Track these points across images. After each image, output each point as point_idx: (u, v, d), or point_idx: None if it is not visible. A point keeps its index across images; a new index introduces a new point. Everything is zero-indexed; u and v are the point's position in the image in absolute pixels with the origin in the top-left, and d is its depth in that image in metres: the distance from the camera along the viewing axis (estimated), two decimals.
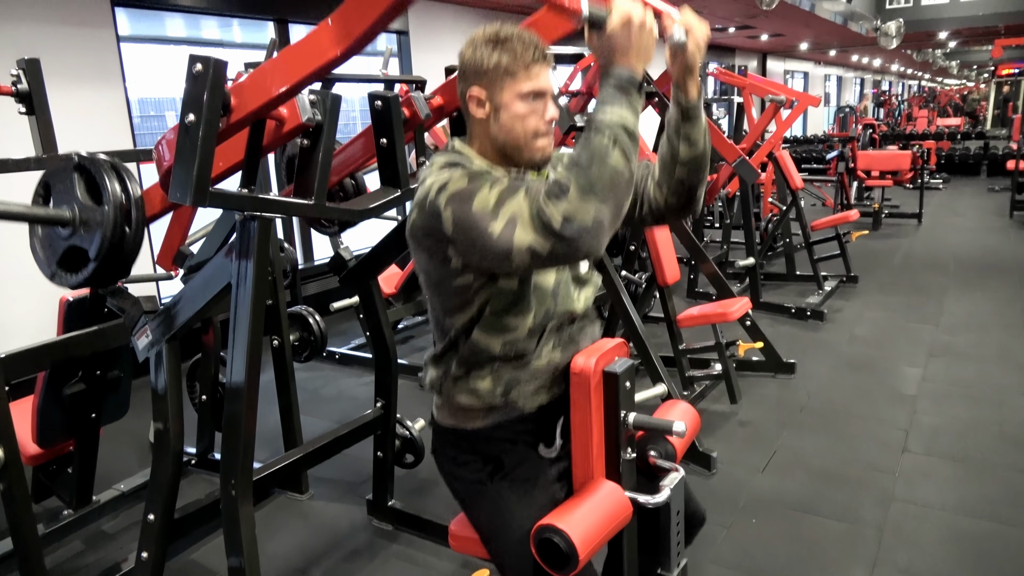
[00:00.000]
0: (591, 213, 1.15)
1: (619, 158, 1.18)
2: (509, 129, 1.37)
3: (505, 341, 1.45)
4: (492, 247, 1.21)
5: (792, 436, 3.37)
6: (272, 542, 2.72)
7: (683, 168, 1.44)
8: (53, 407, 2.57)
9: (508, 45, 1.33)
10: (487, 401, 1.50)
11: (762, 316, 5.22)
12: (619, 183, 1.18)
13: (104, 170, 1.64)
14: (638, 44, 1.22)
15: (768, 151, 5.52)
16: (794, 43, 13.79)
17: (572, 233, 1.16)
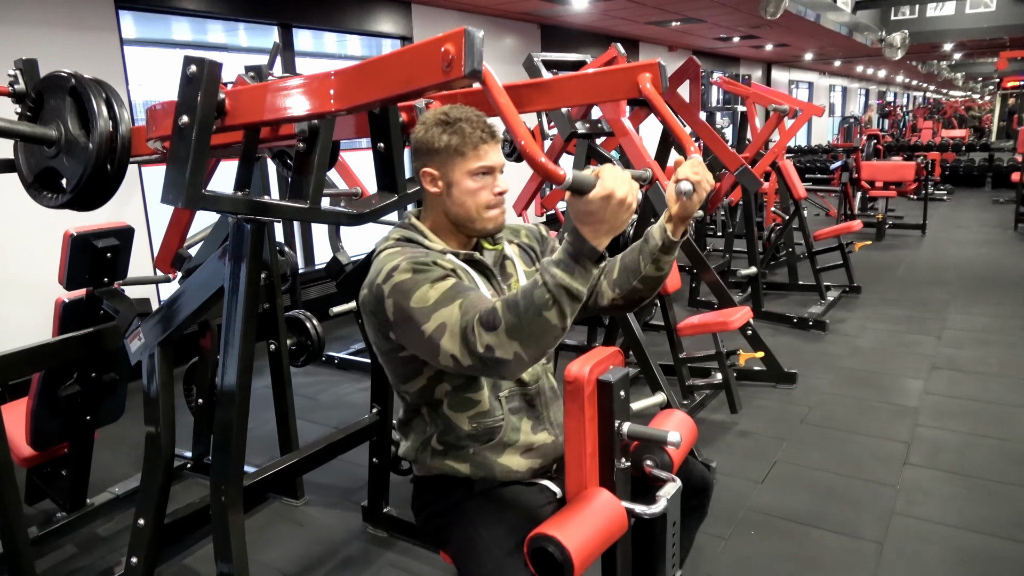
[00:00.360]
0: (512, 351, 1.25)
1: (555, 316, 1.23)
2: (461, 203, 1.48)
3: (471, 417, 1.54)
4: (423, 343, 1.32)
5: (792, 448, 3.34)
6: (266, 549, 2.70)
7: (641, 283, 1.57)
8: (47, 409, 2.56)
9: (457, 127, 1.43)
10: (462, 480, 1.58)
11: (764, 326, 5.20)
12: (547, 336, 1.25)
13: (96, 99, 1.59)
14: (612, 220, 1.22)
15: (771, 160, 5.52)
16: (799, 53, 13.79)
17: (491, 361, 1.25)
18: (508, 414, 1.57)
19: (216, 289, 1.64)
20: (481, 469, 1.56)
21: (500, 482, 1.57)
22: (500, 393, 1.56)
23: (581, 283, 1.23)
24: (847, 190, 8.71)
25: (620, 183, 1.20)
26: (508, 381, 1.57)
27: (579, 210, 1.22)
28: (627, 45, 9.87)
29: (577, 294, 1.23)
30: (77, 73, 1.65)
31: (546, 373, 1.67)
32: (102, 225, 2.44)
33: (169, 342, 1.77)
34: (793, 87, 17.51)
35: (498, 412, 1.56)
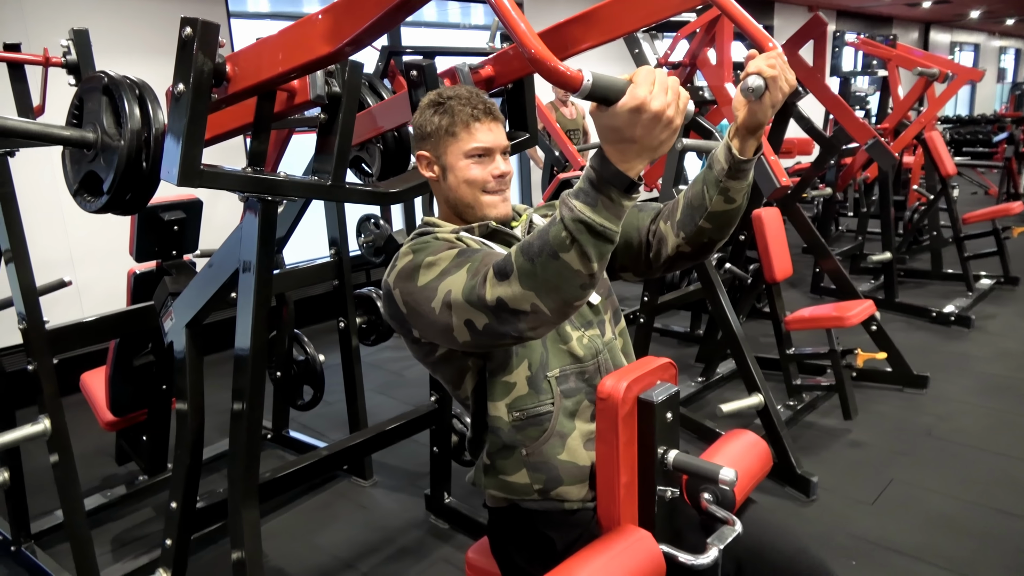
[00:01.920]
0: (528, 302, 1.02)
1: (574, 259, 0.98)
2: (457, 188, 1.34)
3: (509, 405, 1.32)
4: (434, 323, 1.16)
5: (911, 466, 2.91)
6: (324, 530, 2.65)
7: (710, 221, 1.31)
8: (123, 377, 2.61)
9: (447, 106, 1.32)
10: (524, 498, 1.35)
11: (896, 319, 4.64)
12: (568, 284, 1.00)
13: (127, 95, 1.50)
14: (646, 140, 0.94)
15: (917, 132, 4.87)
16: (962, 11, 12.29)
17: (506, 317, 1.06)
18: (560, 397, 1.32)
19: (232, 272, 1.52)
20: (541, 472, 1.32)
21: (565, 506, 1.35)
22: (548, 372, 1.32)
23: (606, 218, 0.97)
24: (1011, 166, 7.66)
25: (657, 90, 0.92)
26: (554, 360, 1.33)
27: (604, 125, 0.95)
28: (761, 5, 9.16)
29: (601, 231, 0.97)
30: (109, 72, 1.57)
31: (608, 347, 1.40)
32: (170, 198, 2.42)
33: (196, 324, 1.69)
34: (956, 49, 15.74)
35: (545, 395, 1.31)
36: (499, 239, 1.38)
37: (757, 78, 1.16)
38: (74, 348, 2.23)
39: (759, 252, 3.26)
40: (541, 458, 1.32)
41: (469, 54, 4.53)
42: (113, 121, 1.53)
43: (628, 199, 0.98)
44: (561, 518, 1.33)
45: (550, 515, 1.34)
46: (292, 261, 4.14)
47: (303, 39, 1.21)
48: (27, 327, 2.00)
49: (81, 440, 3.24)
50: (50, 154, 3.73)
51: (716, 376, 3.78)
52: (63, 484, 2.08)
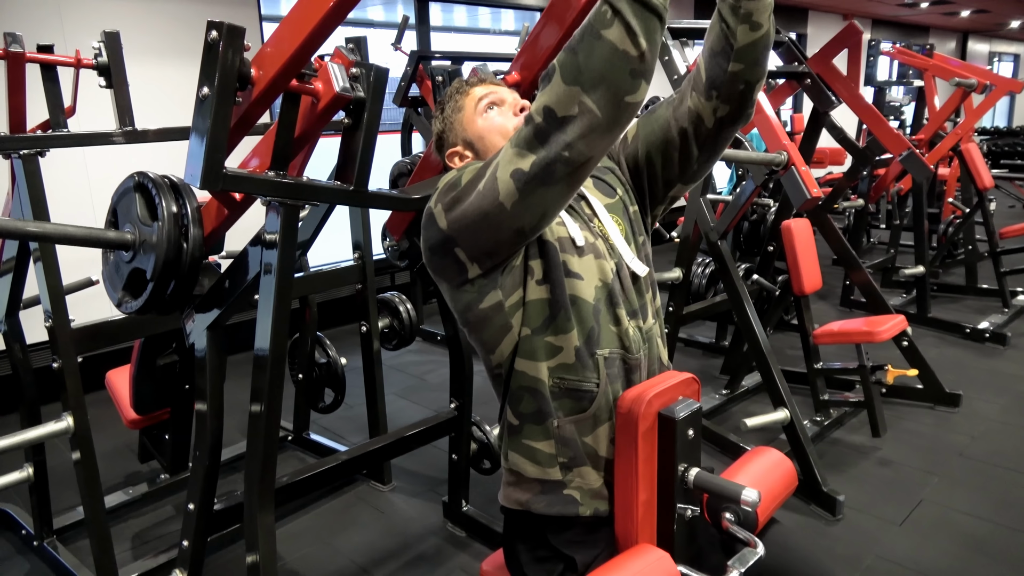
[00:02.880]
0: (575, 103, 0.92)
1: (618, 35, 0.89)
2: (491, 147, 1.29)
3: (552, 367, 1.21)
4: (480, 202, 1.07)
5: (942, 487, 2.83)
6: (343, 534, 2.65)
7: (741, 60, 1.15)
8: (147, 377, 2.63)
9: (446, 96, 1.35)
10: (546, 471, 1.24)
11: (928, 334, 4.54)
12: (615, 69, 0.91)
13: (159, 187, 1.56)
14: None
15: (953, 143, 4.76)
16: (1003, 20, 12.03)
17: (556, 131, 0.95)
18: (607, 382, 1.22)
19: (255, 274, 1.52)
20: (568, 447, 1.22)
21: (572, 514, 1.25)
22: (599, 350, 1.21)
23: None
24: None
25: None
26: (606, 339, 1.21)
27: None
28: (795, 13, 9.06)
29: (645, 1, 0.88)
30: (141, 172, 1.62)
31: (648, 337, 1.29)
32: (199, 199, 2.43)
33: (217, 327, 1.69)
34: (995, 60, 15.41)
35: (591, 373, 1.21)
36: None
37: None
38: (99, 347, 2.25)
39: (788, 264, 3.20)
40: (569, 434, 1.23)
41: (499, 59, 4.53)
42: (148, 216, 1.59)
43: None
44: (578, 536, 1.28)
45: (564, 522, 1.26)
46: (316, 264, 4.17)
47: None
48: (53, 325, 2.02)
49: (105, 437, 3.30)
50: (83, 153, 3.81)
51: (741, 389, 3.72)
52: (84, 482, 2.10)
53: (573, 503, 1.25)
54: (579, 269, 1.22)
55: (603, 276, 1.24)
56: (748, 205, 3.84)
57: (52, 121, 2.17)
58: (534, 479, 1.26)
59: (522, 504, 1.28)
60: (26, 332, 2.37)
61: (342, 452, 2.55)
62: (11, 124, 2.08)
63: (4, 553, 2.60)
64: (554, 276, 1.20)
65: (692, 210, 3.11)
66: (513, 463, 1.28)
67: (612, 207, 1.32)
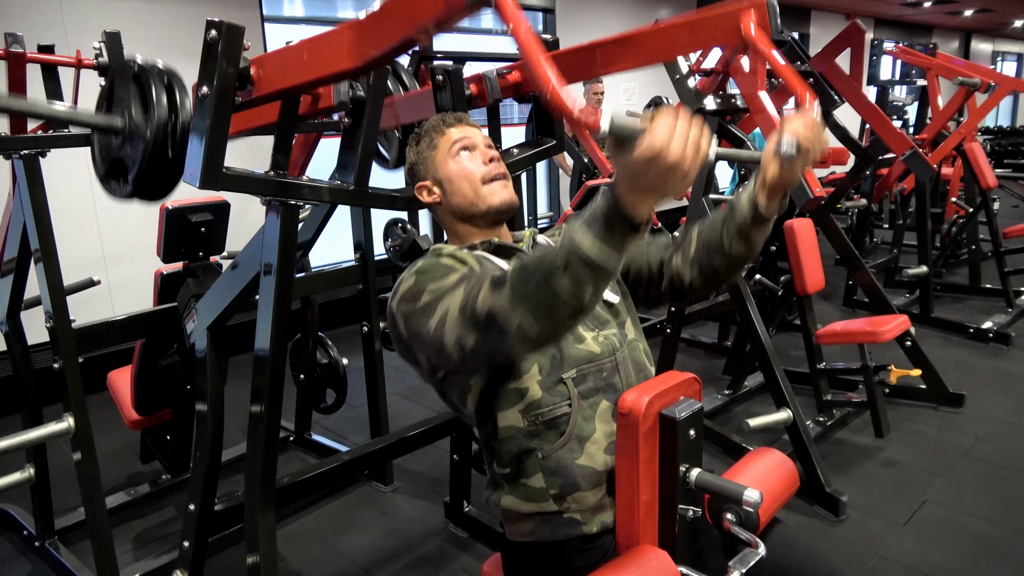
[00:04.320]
0: (516, 321, 1.00)
1: (566, 287, 0.96)
2: (458, 191, 1.35)
3: (522, 410, 1.27)
4: (430, 342, 1.15)
5: (947, 488, 2.81)
6: (345, 535, 2.64)
7: (726, 262, 1.35)
8: (148, 377, 2.63)
9: (423, 131, 1.39)
10: (541, 505, 1.28)
11: (932, 335, 4.52)
12: (557, 310, 0.99)
13: (154, 80, 1.49)
14: (659, 187, 0.90)
15: (956, 143, 4.75)
16: (1006, 20, 12.00)
17: (492, 330, 1.04)
18: (579, 399, 1.26)
19: (253, 275, 1.52)
20: (557, 476, 1.26)
21: (576, 535, 1.29)
22: (564, 374, 1.26)
23: (604, 255, 0.94)
24: None
25: (675, 142, 0.87)
26: (570, 360, 1.28)
27: (618, 166, 0.92)
28: (797, 13, 9.04)
29: (595, 266, 0.94)
30: (139, 59, 1.57)
31: (628, 344, 1.35)
32: (198, 199, 2.43)
33: (217, 327, 1.69)
34: (998, 59, 15.37)
35: (559, 398, 1.26)
36: (504, 254, 1.36)
37: (791, 142, 1.13)
38: (100, 347, 2.25)
39: (790, 264, 3.19)
40: (558, 463, 1.26)
41: (500, 60, 4.52)
42: (141, 109, 1.53)
43: (633, 238, 0.95)
44: (581, 544, 1.28)
45: (569, 543, 1.29)
46: (318, 264, 4.17)
47: (328, 52, 1.21)
48: (54, 325, 2.02)
49: (107, 437, 3.30)
50: (85, 155, 3.82)
51: (744, 389, 3.71)
52: (86, 482, 2.10)
53: (576, 524, 1.28)
54: None
55: None
56: None
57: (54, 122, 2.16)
58: (532, 513, 1.30)
59: (528, 535, 1.32)
60: (27, 333, 2.38)
61: (344, 452, 2.55)
62: (12, 124, 2.08)
63: (6, 554, 2.60)
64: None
65: (694, 210, 3.10)
66: (507, 506, 1.32)
67: None
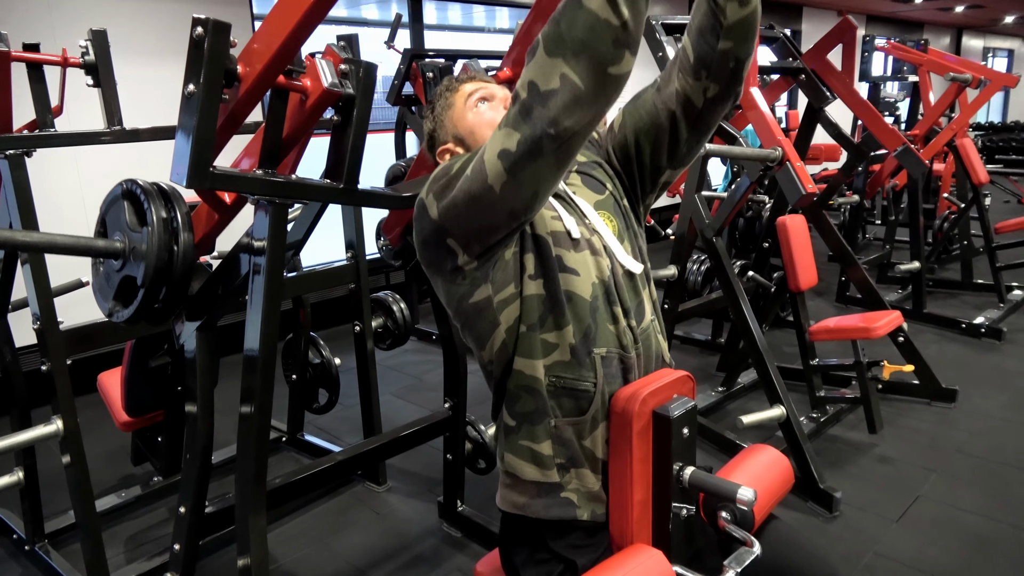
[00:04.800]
0: (558, 74, 0.90)
1: (601, 4, 0.87)
2: (482, 139, 1.27)
3: (548, 365, 1.19)
4: (468, 187, 1.05)
5: (941, 483, 2.82)
6: (339, 536, 2.63)
7: (730, 37, 1.12)
8: (139, 378, 2.60)
9: (436, 95, 1.35)
10: (544, 473, 1.22)
11: (925, 330, 4.53)
12: (598, 37, 0.88)
13: (148, 194, 1.53)
14: None
15: (948, 138, 4.76)
16: (997, 16, 12.04)
17: (538, 104, 0.92)
18: (604, 381, 1.20)
19: (243, 276, 1.50)
20: (566, 448, 1.21)
21: (570, 518, 1.23)
22: (595, 348, 1.19)
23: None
24: None
25: None
26: (603, 337, 1.19)
27: None
28: (789, 9, 9.05)
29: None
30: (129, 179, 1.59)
31: (645, 334, 1.26)
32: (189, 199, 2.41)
33: (207, 328, 1.67)
34: (989, 55, 15.43)
35: (588, 372, 1.19)
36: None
37: None
38: (89, 349, 2.22)
39: (783, 260, 3.19)
40: (567, 436, 1.21)
41: (493, 58, 4.51)
42: (137, 223, 1.55)
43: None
44: (579, 540, 1.24)
45: (563, 526, 1.24)
46: (310, 263, 4.14)
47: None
48: (41, 327, 2.00)
49: (98, 440, 3.27)
50: (73, 155, 3.78)
51: (738, 386, 3.71)
52: (75, 485, 2.08)
53: (571, 506, 1.23)
54: (575, 264, 1.20)
55: (600, 273, 1.22)
56: (743, 202, 3.83)
57: (39, 121, 2.14)
58: (531, 481, 1.24)
59: (519, 508, 1.26)
60: (16, 335, 2.35)
61: (336, 453, 2.54)
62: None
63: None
64: (548, 271, 1.18)
65: (687, 207, 3.09)
66: (510, 465, 1.26)
67: (602, 204, 1.30)
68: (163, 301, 1.56)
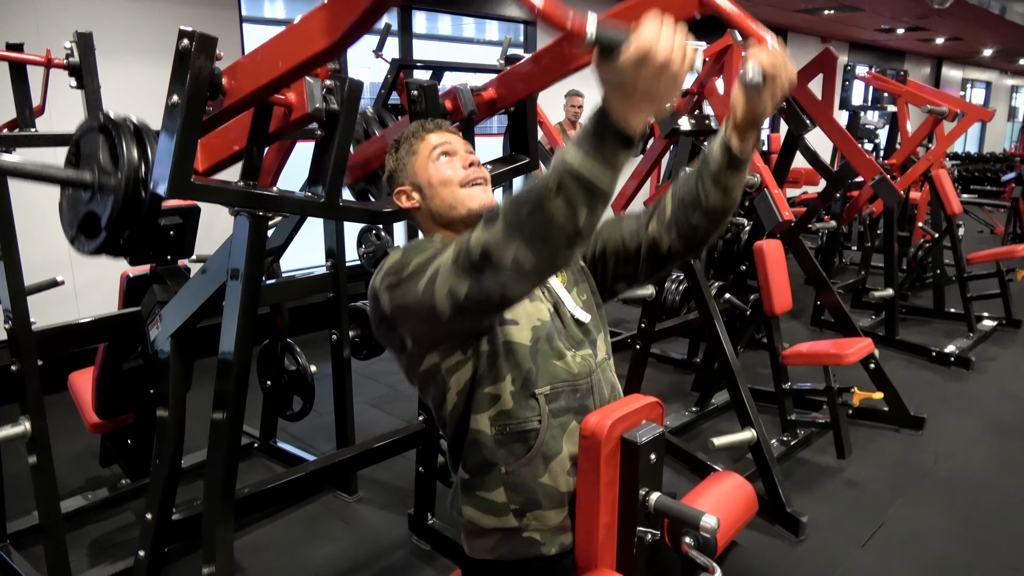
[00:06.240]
0: (510, 255, 0.97)
1: (560, 209, 0.94)
2: (437, 196, 1.33)
3: (492, 417, 1.25)
4: (418, 306, 1.12)
5: (908, 506, 2.87)
6: (307, 546, 2.61)
7: (705, 217, 1.26)
8: (111, 380, 2.58)
9: (402, 137, 1.38)
10: (501, 520, 1.27)
11: (895, 356, 4.61)
12: (553, 235, 0.96)
13: (123, 132, 1.50)
14: (648, 90, 0.89)
15: (924, 169, 4.86)
16: (976, 48, 12.31)
17: (487, 270, 1.00)
18: (549, 416, 1.25)
19: (219, 285, 1.50)
20: (519, 493, 1.25)
21: (535, 555, 1.27)
22: (538, 389, 1.24)
23: (598, 171, 0.92)
24: (1019, 206, 7.62)
25: (663, 37, 0.87)
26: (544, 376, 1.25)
27: (606, 78, 0.91)
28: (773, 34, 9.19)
29: (590, 184, 0.92)
30: (106, 112, 1.56)
31: (602, 367, 1.35)
32: (168, 203, 2.40)
33: (183, 334, 1.67)
34: (968, 86, 15.76)
35: (530, 412, 1.24)
36: None
37: (756, 70, 1.08)
38: (61, 350, 2.20)
39: (759, 284, 3.23)
40: (520, 479, 1.26)
41: (480, 70, 4.53)
42: (110, 160, 1.52)
43: (625, 152, 0.94)
44: (540, 570, 1.28)
45: (528, 562, 1.28)
46: (289, 269, 4.13)
47: (301, 36, 1.21)
48: (13, 327, 1.98)
49: (67, 440, 3.23)
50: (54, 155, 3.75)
51: (711, 406, 3.74)
52: (41, 486, 2.06)
53: (535, 544, 1.27)
54: (512, 315, 1.25)
55: (539, 316, 1.27)
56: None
57: (20, 120, 2.13)
58: (492, 528, 1.28)
59: (489, 553, 1.31)
60: None
61: (308, 463, 2.53)
62: None
63: None
64: (490, 330, 1.23)
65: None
66: (469, 516, 1.31)
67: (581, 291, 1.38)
68: (126, 240, 1.54)
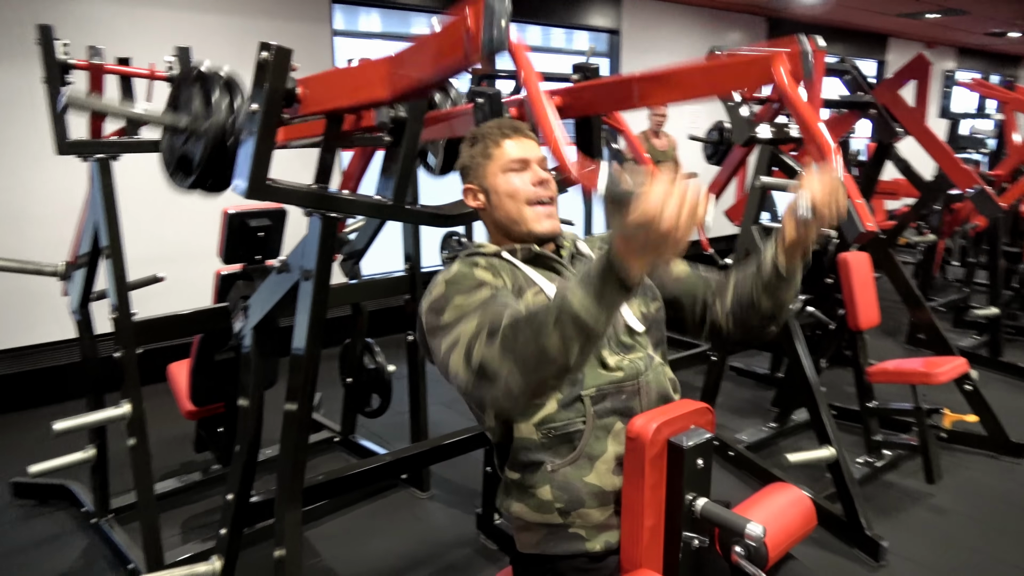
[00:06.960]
0: (502, 375, 1.04)
1: (555, 344, 0.99)
2: (502, 206, 1.39)
3: (537, 424, 1.30)
4: (439, 363, 1.20)
5: (998, 540, 2.69)
6: (376, 538, 2.71)
7: (758, 317, 1.37)
8: (204, 371, 2.76)
9: (480, 134, 1.42)
10: (546, 516, 1.32)
11: (998, 379, 4.32)
12: (543, 367, 1.01)
13: (216, 83, 1.61)
14: (650, 248, 0.93)
15: None
16: None
17: (483, 379, 1.07)
18: (594, 417, 1.29)
19: (292, 284, 1.60)
20: (564, 491, 1.29)
21: (580, 552, 1.30)
22: (583, 391, 1.29)
23: (594, 315, 0.97)
24: None
25: (667, 205, 0.89)
26: (591, 378, 1.30)
27: (613, 224, 0.98)
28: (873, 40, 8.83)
29: (583, 325, 0.97)
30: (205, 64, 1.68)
31: (655, 368, 1.37)
32: (258, 206, 2.55)
33: (262, 327, 1.78)
34: None
35: (575, 414, 1.29)
36: (541, 264, 1.39)
37: (807, 206, 1.16)
38: (158, 340, 2.38)
39: (843, 297, 3.12)
40: (566, 478, 1.30)
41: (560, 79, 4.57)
42: (204, 107, 1.64)
43: (623, 298, 0.98)
44: (584, 564, 1.31)
45: (573, 560, 1.31)
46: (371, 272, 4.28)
47: (366, 81, 1.30)
48: (117, 317, 2.16)
49: (166, 425, 3.46)
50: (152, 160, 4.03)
51: (791, 423, 3.63)
52: (137, 466, 2.23)
53: (580, 540, 1.31)
54: None
55: None
56: None
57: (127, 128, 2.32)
58: (538, 523, 1.33)
59: (535, 547, 1.35)
60: (97, 323, 2.54)
61: (377, 456, 2.62)
62: (91, 130, 2.24)
63: (65, 528, 2.77)
64: None
65: (744, 238, 3.07)
66: (516, 513, 1.35)
67: None
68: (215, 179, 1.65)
